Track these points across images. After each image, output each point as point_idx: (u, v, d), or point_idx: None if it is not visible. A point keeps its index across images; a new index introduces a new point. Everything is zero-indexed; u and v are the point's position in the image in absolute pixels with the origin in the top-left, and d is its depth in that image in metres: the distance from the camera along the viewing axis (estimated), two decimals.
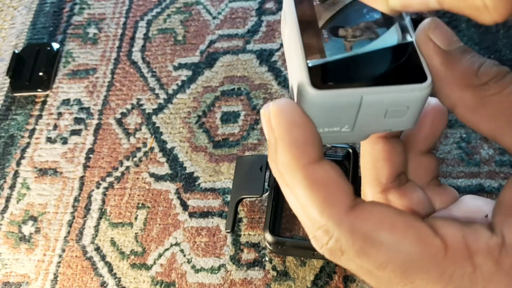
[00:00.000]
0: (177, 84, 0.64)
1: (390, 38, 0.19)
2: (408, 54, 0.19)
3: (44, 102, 0.67)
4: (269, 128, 0.18)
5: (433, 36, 0.19)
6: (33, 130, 0.65)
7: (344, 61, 0.19)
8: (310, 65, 0.18)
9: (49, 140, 0.64)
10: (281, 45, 0.65)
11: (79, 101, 0.66)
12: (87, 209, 0.58)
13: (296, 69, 0.19)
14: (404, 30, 0.20)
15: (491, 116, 0.18)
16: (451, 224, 0.18)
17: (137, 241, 0.55)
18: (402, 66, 0.19)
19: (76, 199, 0.59)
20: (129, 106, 0.64)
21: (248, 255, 0.52)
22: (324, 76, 0.18)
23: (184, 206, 0.56)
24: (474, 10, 0.16)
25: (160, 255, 0.54)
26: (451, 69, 0.18)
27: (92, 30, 0.71)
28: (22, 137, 0.65)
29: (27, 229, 0.58)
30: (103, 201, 0.58)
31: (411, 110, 0.19)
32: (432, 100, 0.22)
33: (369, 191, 0.23)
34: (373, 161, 0.23)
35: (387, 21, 0.20)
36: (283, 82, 0.62)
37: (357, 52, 0.19)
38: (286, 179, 0.18)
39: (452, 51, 0.19)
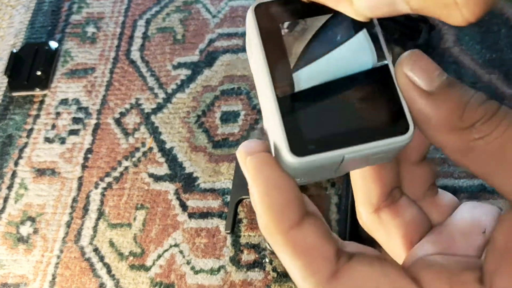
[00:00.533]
0: (176, 84, 0.64)
1: (363, 59, 0.18)
2: (386, 87, 0.18)
3: (42, 102, 0.66)
4: (247, 179, 0.18)
5: (412, 74, 0.17)
6: (31, 130, 0.65)
7: (321, 109, 0.18)
8: (286, 125, 0.17)
9: (47, 140, 0.63)
10: None
11: (77, 101, 0.65)
12: (86, 209, 0.58)
13: (271, 122, 0.18)
14: (377, 46, 0.18)
15: (480, 160, 0.17)
16: (439, 279, 0.17)
17: (136, 242, 0.54)
18: (381, 109, 0.18)
19: (74, 200, 0.58)
20: (127, 106, 0.63)
21: (248, 256, 0.51)
22: (303, 138, 0.17)
23: (184, 206, 0.55)
24: (444, 9, 0.15)
25: (159, 256, 0.53)
26: (434, 112, 0.17)
27: (90, 29, 0.71)
28: (20, 137, 0.64)
29: (25, 229, 0.58)
30: (102, 202, 0.58)
31: (393, 154, 0.19)
32: None
33: (362, 211, 0.23)
34: (362, 181, 0.22)
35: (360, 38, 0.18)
36: None
37: (334, 94, 0.18)
38: (267, 237, 0.18)
39: (435, 91, 0.17)
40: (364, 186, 0.22)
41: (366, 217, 0.23)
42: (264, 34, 0.18)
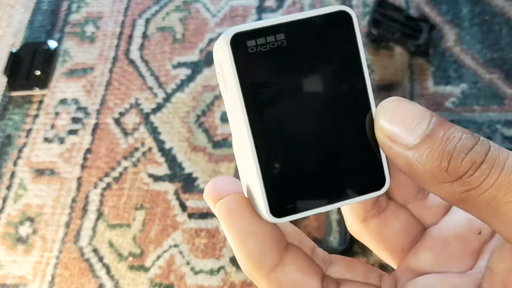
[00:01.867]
0: (176, 83, 0.63)
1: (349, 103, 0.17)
2: (365, 139, 0.17)
3: (41, 102, 0.66)
4: (223, 228, 0.18)
5: (389, 128, 0.16)
6: (30, 130, 0.64)
7: (300, 167, 0.17)
8: (266, 185, 0.17)
9: (47, 140, 0.63)
10: None
11: (76, 101, 0.65)
12: (85, 210, 0.57)
13: (249, 173, 0.17)
14: (364, 97, 0.18)
15: (475, 208, 0.16)
16: None
17: (135, 243, 0.54)
18: (359, 165, 0.18)
19: (73, 200, 0.58)
20: (127, 106, 0.63)
21: None
22: (282, 200, 0.17)
23: (183, 207, 0.55)
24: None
25: (158, 257, 0.53)
26: (418, 167, 0.16)
27: (90, 29, 0.70)
28: (19, 137, 0.64)
29: (24, 230, 0.58)
30: (101, 202, 0.57)
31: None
32: None
33: (349, 222, 0.23)
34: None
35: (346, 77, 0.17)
36: None
37: (314, 148, 0.17)
38: (255, 282, 0.18)
39: (415, 145, 0.16)
40: None
41: (354, 228, 0.22)
42: (243, 77, 0.16)
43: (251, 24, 0.17)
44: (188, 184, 0.56)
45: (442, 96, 0.57)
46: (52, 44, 0.69)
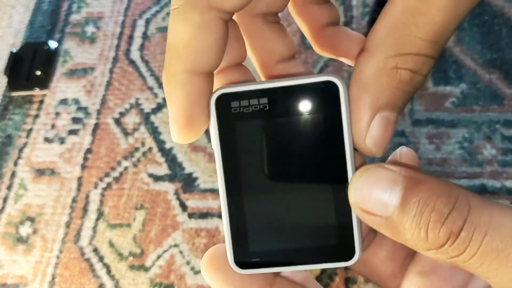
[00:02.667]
0: None
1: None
2: (340, 205, 0.18)
3: (41, 102, 0.66)
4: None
5: (363, 204, 0.16)
6: (31, 130, 0.64)
7: (269, 223, 0.17)
8: (233, 236, 0.17)
9: (47, 140, 0.63)
10: None
11: (77, 101, 0.65)
12: (85, 210, 0.57)
13: (223, 221, 0.18)
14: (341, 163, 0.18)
15: (467, 269, 0.16)
16: None
17: (135, 243, 0.54)
18: (330, 230, 0.18)
19: (73, 200, 0.58)
20: (127, 106, 0.63)
21: None
22: (247, 252, 0.17)
23: (183, 207, 0.55)
24: None
25: (159, 257, 0.53)
26: (401, 238, 0.16)
27: (90, 29, 0.70)
28: (20, 137, 0.64)
29: (25, 230, 0.58)
30: (101, 202, 0.57)
31: None
32: None
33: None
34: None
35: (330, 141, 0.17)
36: None
37: (285, 207, 0.18)
38: None
39: (391, 217, 0.16)
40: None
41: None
42: (223, 133, 0.18)
43: (239, 86, 0.17)
44: (188, 184, 0.56)
45: (442, 97, 0.57)
46: (53, 44, 0.69)
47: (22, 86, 0.67)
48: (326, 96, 0.17)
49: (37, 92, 0.67)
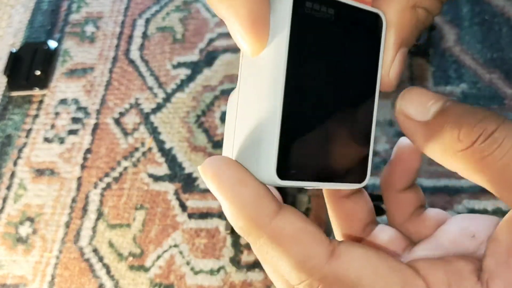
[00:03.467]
0: (176, 83, 0.63)
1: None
2: (365, 132, 0.19)
3: (41, 102, 0.66)
4: (213, 191, 0.17)
5: (407, 108, 0.18)
6: (30, 130, 0.64)
7: (310, 140, 0.18)
8: (280, 147, 0.17)
9: (46, 140, 0.63)
10: None
11: (76, 101, 0.65)
12: (85, 210, 0.57)
13: (257, 135, 0.17)
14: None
15: (486, 178, 0.17)
16: (433, 265, 0.17)
17: (135, 243, 0.54)
18: (351, 154, 0.19)
19: (73, 200, 0.58)
20: (127, 106, 0.63)
21: (248, 257, 0.51)
22: (289, 164, 0.17)
23: (183, 207, 0.55)
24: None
25: (158, 257, 0.53)
26: (433, 140, 0.17)
27: (90, 29, 0.70)
28: (19, 137, 0.64)
29: (24, 230, 0.58)
30: (101, 202, 0.57)
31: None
32: (403, 141, 0.22)
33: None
34: (338, 219, 0.23)
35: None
36: None
37: (326, 128, 0.18)
38: (250, 242, 0.17)
39: (430, 120, 0.17)
40: (340, 224, 0.23)
41: None
42: (293, 28, 0.17)
43: None
44: (188, 184, 0.56)
45: None
46: (52, 44, 0.69)
47: (22, 86, 0.66)
48: (374, 26, 0.19)
49: (36, 92, 0.66)
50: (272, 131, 0.17)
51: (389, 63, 0.19)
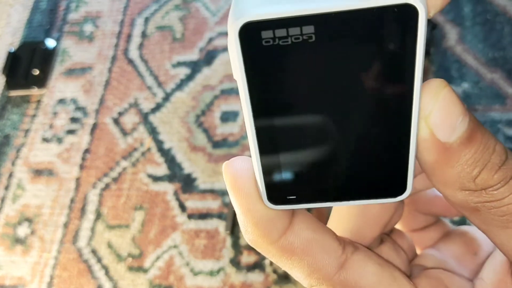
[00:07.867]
0: (175, 83, 0.63)
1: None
2: (398, 133, 0.14)
3: (39, 101, 0.66)
4: (229, 195, 0.16)
5: (434, 121, 0.14)
6: (29, 129, 0.64)
7: (308, 153, 0.15)
8: (265, 174, 0.15)
9: (45, 140, 0.63)
10: None
11: (75, 100, 0.65)
12: (83, 210, 0.57)
13: (252, 154, 0.15)
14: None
15: (484, 220, 0.16)
16: (432, 280, 0.17)
17: (134, 243, 0.54)
18: (380, 162, 0.15)
19: (72, 200, 0.58)
20: (126, 105, 0.63)
21: (248, 258, 0.51)
22: (282, 189, 0.15)
23: (183, 207, 0.55)
24: None
25: (157, 258, 0.53)
26: (446, 169, 0.15)
27: (88, 28, 0.70)
28: (18, 136, 0.64)
29: (23, 230, 0.57)
30: (100, 202, 0.57)
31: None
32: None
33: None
34: (350, 231, 0.21)
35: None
36: None
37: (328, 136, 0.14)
38: (260, 252, 0.17)
39: (453, 144, 0.14)
40: (352, 234, 0.22)
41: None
42: (252, 74, 0.13)
43: (270, 9, 0.12)
44: (188, 184, 0.56)
45: None
46: (51, 43, 0.69)
47: (20, 85, 0.66)
48: (400, 26, 0.12)
49: (35, 91, 0.66)
50: (253, 149, 0.15)
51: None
